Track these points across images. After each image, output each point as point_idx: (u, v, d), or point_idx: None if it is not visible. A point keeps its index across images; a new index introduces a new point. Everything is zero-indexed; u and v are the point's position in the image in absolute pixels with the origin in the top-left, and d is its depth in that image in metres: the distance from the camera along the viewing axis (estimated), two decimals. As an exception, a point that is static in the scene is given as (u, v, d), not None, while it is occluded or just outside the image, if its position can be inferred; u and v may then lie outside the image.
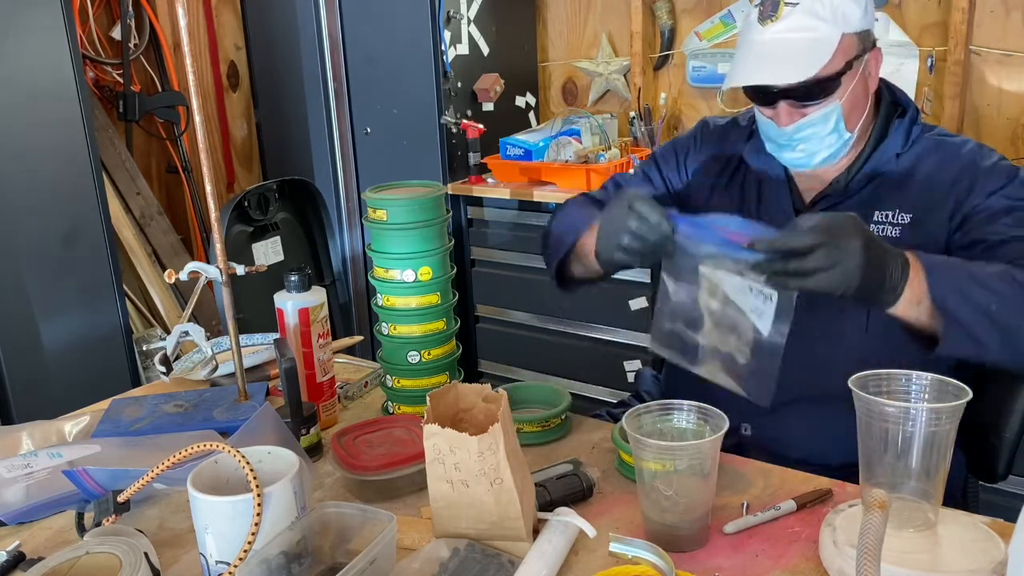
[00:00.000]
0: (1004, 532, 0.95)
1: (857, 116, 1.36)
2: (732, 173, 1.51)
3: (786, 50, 1.30)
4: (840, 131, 1.34)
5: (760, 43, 1.32)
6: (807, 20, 1.29)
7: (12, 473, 1.22)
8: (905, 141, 1.38)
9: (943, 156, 1.37)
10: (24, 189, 2.31)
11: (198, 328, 1.34)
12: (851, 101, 1.33)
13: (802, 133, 1.34)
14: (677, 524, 1.01)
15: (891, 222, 1.36)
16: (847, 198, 1.39)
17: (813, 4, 1.29)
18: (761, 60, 1.32)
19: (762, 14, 1.32)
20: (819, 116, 1.32)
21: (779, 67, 1.30)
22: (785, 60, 1.30)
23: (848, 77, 1.31)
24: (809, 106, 1.32)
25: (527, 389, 1.39)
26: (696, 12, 3.05)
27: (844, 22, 1.29)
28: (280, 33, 3.29)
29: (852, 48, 1.31)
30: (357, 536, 0.97)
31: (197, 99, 1.31)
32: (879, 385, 0.98)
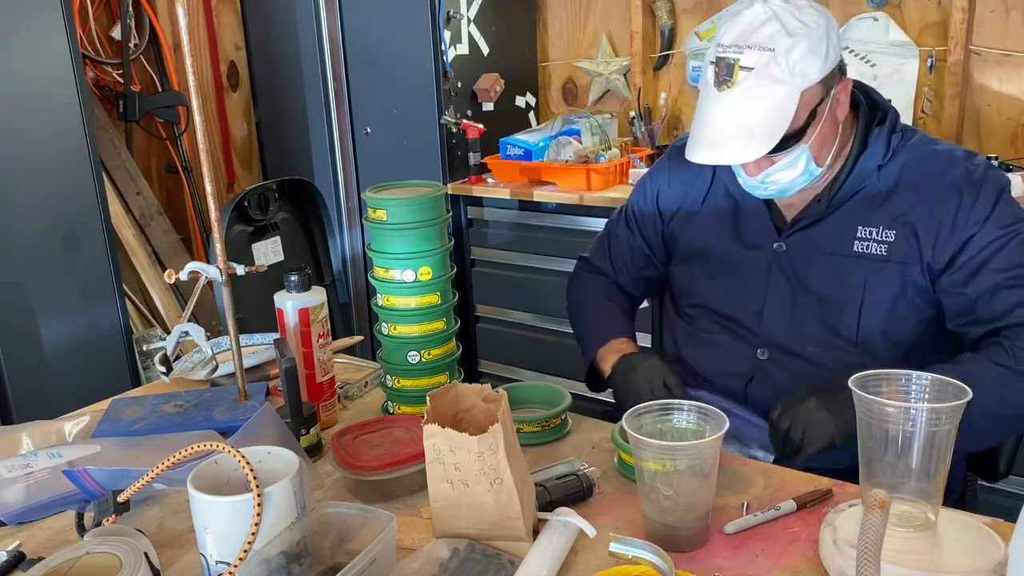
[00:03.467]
0: (1004, 532, 0.94)
1: (828, 149, 1.34)
2: (707, 194, 1.50)
3: (745, 122, 1.26)
4: (810, 170, 1.32)
5: (717, 112, 1.28)
6: (763, 84, 1.24)
7: (12, 473, 1.22)
8: (886, 151, 1.35)
9: (929, 170, 1.33)
10: (24, 189, 2.31)
11: (198, 328, 1.34)
12: (819, 140, 1.31)
13: (772, 177, 1.33)
14: (677, 524, 1.01)
15: (876, 239, 1.34)
16: (829, 214, 1.37)
17: (769, 67, 1.24)
18: (719, 133, 1.28)
19: (717, 77, 1.28)
20: (787, 162, 1.30)
21: (737, 142, 1.27)
22: (744, 134, 1.26)
23: (813, 125, 1.29)
24: (777, 155, 1.29)
25: (527, 389, 1.39)
26: (696, 12, 3.05)
27: (803, 79, 1.24)
28: (280, 33, 3.29)
29: (815, 97, 1.28)
30: (357, 536, 0.97)
31: (197, 99, 1.31)
32: (879, 385, 0.98)
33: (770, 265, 1.42)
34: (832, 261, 1.36)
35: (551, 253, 2.83)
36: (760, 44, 1.24)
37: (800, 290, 1.39)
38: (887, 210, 1.34)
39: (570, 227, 2.80)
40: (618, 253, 1.64)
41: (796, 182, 1.34)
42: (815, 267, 1.38)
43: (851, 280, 1.35)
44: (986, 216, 1.28)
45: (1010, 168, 2.39)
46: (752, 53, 1.24)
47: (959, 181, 1.30)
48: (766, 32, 1.25)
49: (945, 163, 1.33)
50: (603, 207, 2.64)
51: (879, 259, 1.33)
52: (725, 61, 1.26)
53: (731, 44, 1.27)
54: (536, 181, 2.85)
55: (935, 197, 1.31)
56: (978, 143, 2.65)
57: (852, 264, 1.35)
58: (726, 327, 1.47)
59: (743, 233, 1.46)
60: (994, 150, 2.50)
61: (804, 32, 1.24)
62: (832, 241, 1.37)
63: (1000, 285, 1.27)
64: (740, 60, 1.25)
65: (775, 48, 1.23)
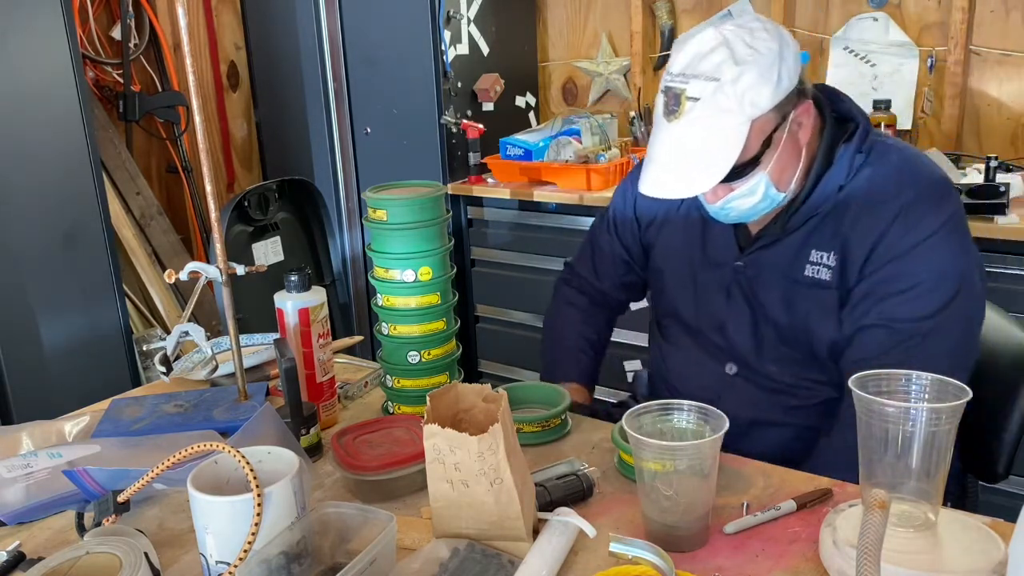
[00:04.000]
0: (1004, 532, 0.94)
1: (790, 174, 1.30)
2: (680, 203, 1.48)
3: (694, 153, 1.23)
4: (770, 196, 1.29)
5: (666, 143, 1.25)
6: (711, 115, 1.20)
7: (12, 473, 1.22)
8: (848, 171, 1.30)
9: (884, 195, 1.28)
10: (24, 189, 2.31)
11: (198, 328, 1.34)
12: (779, 166, 1.27)
13: (730, 204, 1.30)
14: (677, 524, 1.01)
15: (825, 264, 1.31)
16: (788, 235, 1.34)
17: (716, 96, 1.19)
18: (669, 165, 1.25)
19: (666, 108, 1.24)
20: (746, 189, 1.27)
21: (687, 174, 1.23)
22: (693, 166, 1.23)
23: (769, 152, 1.25)
24: (734, 183, 1.26)
25: (527, 389, 1.39)
26: (696, 12, 3.05)
27: (752, 107, 1.20)
28: (280, 33, 3.29)
29: (768, 125, 1.23)
30: (357, 536, 0.97)
31: (197, 99, 1.31)
32: (879, 385, 0.98)
33: (731, 283, 1.41)
34: (784, 285, 1.35)
35: (551, 253, 2.83)
36: (706, 73, 1.20)
37: (759, 309, 1.38)
38: (837, 236, 1.30)
39: (570, 227, 2.80)
40: (601, 259, 1.64)
41: (757, 208, 1.30)
42: (770, 290, 1.36)
43: (799, 307, 1.34)
44: (904, 252, 1.24)
45: (1010, 168, 2.39)
46: (698, 83, 1.20)
47: (901, 208, 1.25)
48: (713, 60, 1.20)
49: (898, 186, 1.27)
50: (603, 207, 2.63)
51: (824, 286, 1.31)
52: (672, 91, 1.23)
53: (679, 73, 1.23)
54: (536, 181, 2.85)
55: (873, 220, 1.27)
56: (978, 143, 2.66)
57: (801, 292, 1.33)
58: (696, 340, 1.47)
59: (709, 247, 1.44)
60: (994, 150, 2.49)
61: (753, 59, 1.20)
62: (787, 264, 1.34)
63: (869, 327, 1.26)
64: (686, 90, 1.21)
65: (720, 78, 1.19)
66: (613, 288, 1.64)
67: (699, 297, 1.46)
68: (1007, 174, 2.29)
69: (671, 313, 1.52)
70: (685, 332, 1.49)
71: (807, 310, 1.33)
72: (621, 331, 1.81)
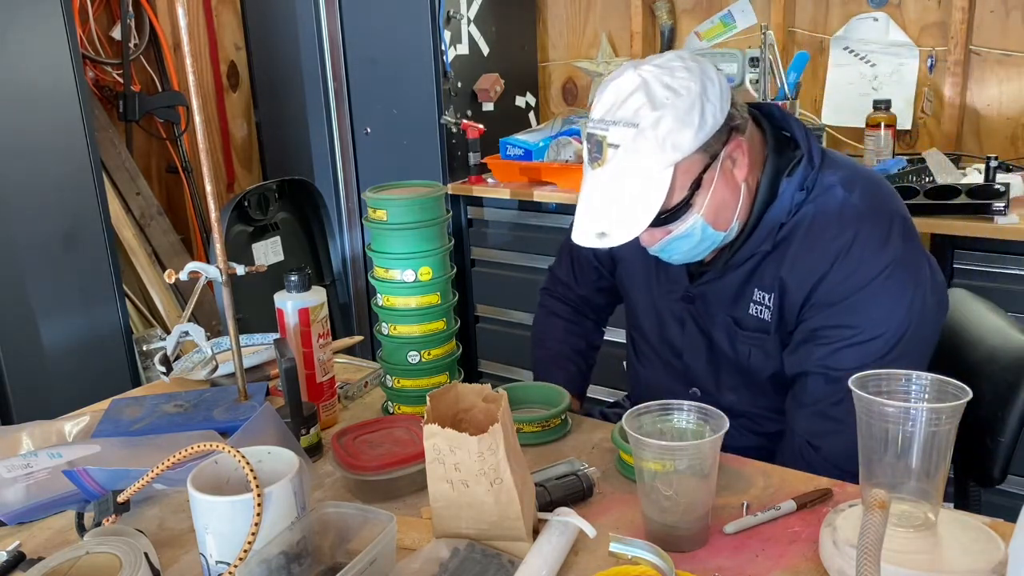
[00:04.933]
0: (1004, 532, 0.95)
1: (729, 213, 1.25)
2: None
3: (617, 201, 1.19)
4: (710, 236, 1.25)
5: (592, 190, 1.22)
6: (632, 161, 1.17)
7: (12, 473, 1.22)
8: (789, 208, 1.26)
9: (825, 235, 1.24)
10: (24, 189, 2.31)
11: (198, 328, 1.34)
12: (713, 206, 1.23)
13: (669, 247, 1.27)
14: (677, 524, 1.01)
15: (767, 305, 1.29)
16: (732, 270, 1.31)
17: (636, 142, 1.16)
18: (597, 212, 1.22)
19: (590, 155, 1.21)
20: (684, 231, 1.23)
21: (614, 222, 1.20)
22: (618, 213, 1.19)
23: (700, 193, 1.21)
24: (669, 225, 1.23)
25: (527, 389, 1.39)
26: (696, 12, 3.05)
27: (675, 150, 1.16)
28: (280, 33, 3.29)
29: (695, 166, 1.19)
30: (357, 536, 0.97)
31: (197, 99, 1.31)
32: (879, 385, 0.98)
33: (683, 311, 1.40)
34: (728, 323, 1.34)
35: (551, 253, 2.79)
36: (625, 119, 1.17)
37: (712, 341, 1.38)
38: (778, 278, 1.27)
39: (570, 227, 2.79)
40: (577, 264, 1.62)
41: (698, 249, 1.27)
42: (716, 325, 1.36)
43: (740, 348, 1.34)
44: (844, 298, 1.22)
45: (1010, 168, 2.39)
46: (617, 129, 1.17)
47: (841, 250, 1.22)
48: (631, 106, 1.17)
49: (840, 226, 1.23)
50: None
51: (763, 329, 1.30)
52: (594, 137, 1.20)
53: (599, 119, 1.20)
54: (536, 181, 2.85)
55: (812, 262, 1.24)
56: (978, 143, 2.66)
57: (741, 334, 1.33)
58: (661, 360, 1.47)
59: (663, 274, 1.42)
60: (994, 150, 2.49)
61: (671, 102, 1.16)
62: (731, 302, 1.33)
63: (807, 373, 1.26)
64: (607, 137, 1.18)
65: (639, 123, 1.16)
66: (592, 293, 1.63)
67: (658, 322, 1.45)
68: (1007, 174, 2.29)
69: (638, 329, 1.51)
70: (652, 351, 1.49)
71: (748, 350, 1.33)
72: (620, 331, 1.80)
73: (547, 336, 1.64)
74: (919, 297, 1.23)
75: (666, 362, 1.46)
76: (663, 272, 1.41)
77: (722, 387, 1.39)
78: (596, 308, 1.66)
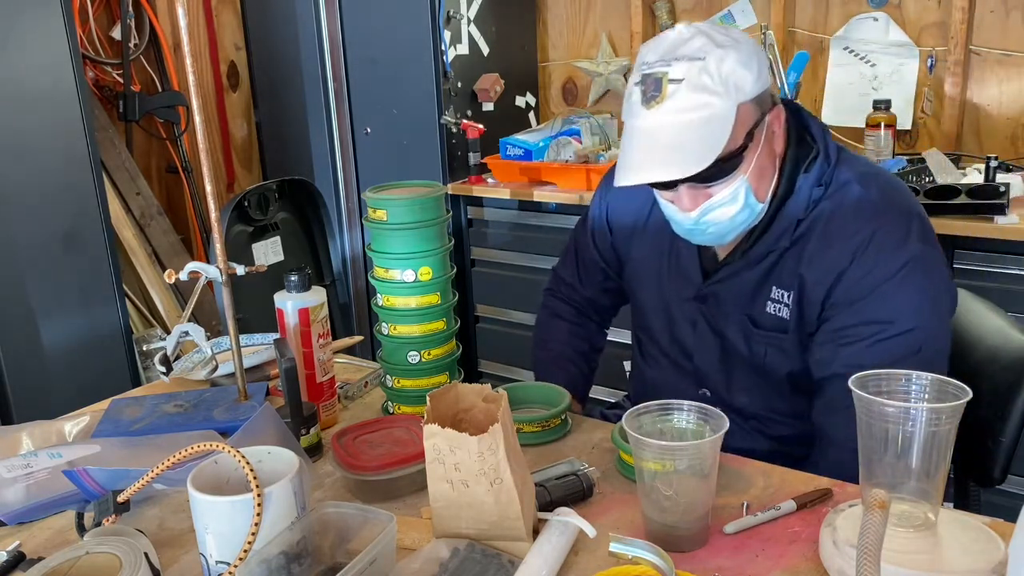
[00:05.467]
0: (1004, 532, 0.94)
1: (767, 183, 1.24)
2: (647, 217, 1.43)
3: (678, 135, 1.15)
4: (750, 205, 1.23)
5: (647, 130, 1.17)
6: (697, 96, 1.14)
7: (12, 473, 1.22)
8: (807, 204, 1.25)
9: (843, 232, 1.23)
10: (24, 189, 2.31)
11: (198, 328, 1.34)
12: (758, 171, 1.21)
13: (709, 216, 1.22)
14: (677, 524, 1.01)
15: (784, 302, 1.27)
16: (748, 268, 1.29)
17: (700, 77, 1.14)
18: (652, 150, 1.17)
19: (645, 95, 1.17)
20: (727, 195, 1.20)
21: (673, 157, 1.15)
22: (679, 147, 1.15)
23: (751, 149, 1.19)
24: (713, 186, 1.19)
25: (527, 389, 1.39)
26: (696, 12, 3.05)
27: (737, 92, 1.15)
28: (280, 33, 3.29)
29: (750, 117, 1.18)
30: (357, 536, 0.96)
31: (197, 99, 1.31)
32: (879, 385, 0.98)
33: (696, 311, 1.37)
34: (744, 322, 1.32)
35: (551, 253, 2.82)
36: (689, 55, 1.15)
37: (725, 342, 1.35)
38: (796, 275, 1.26)
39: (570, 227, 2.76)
40: (583, 265, 1.59)
41: (737, 220, 1.24)
42: (731, 324, 1.34)
43: (756, 347, 1.32)
44: (864, 295, 1.20)
45: (1010, 168, 2.39)
46: (681, 64, 1.15)
47: (859, 248, 1.21)
48: (694, 45, 1.16)
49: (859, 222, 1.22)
50: (603, 207, 2.64)
51: (781, 328, 1.28)
52: (652, 76, 1.17)
53: (657, 60, 1.18)
54: (536, 181, 2.85)
55: (830, 260, 1.22)
56: (978, 143, 2.66)
57: (757, 334, 1.31)
58: (670, 361, 1.45)
59: (676, 273, 1.39)
60: (994, 150, 2.49)
61: (733, 45, 1.16)
62: (747, 300, 1.31)
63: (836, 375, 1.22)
64: (668, 73, 1.15)
65: (705, 57, 1.15)
66: (598, 294, 1.60)
67: (669, 323, 1.43)
68: (1007, 174, 2.29)
69: (646, 330, 1.49)
70: (660, 352, 1.47)
71: (764, 350, 1.31)
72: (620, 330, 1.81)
73: (550, 337, 1.63)
74: (941, 293, 1.22)
75: (675, 363, 1.44)
76: (675, 272, 1.40)
77: (733, 388, 1.37)
78: (600, 310, 1.64)
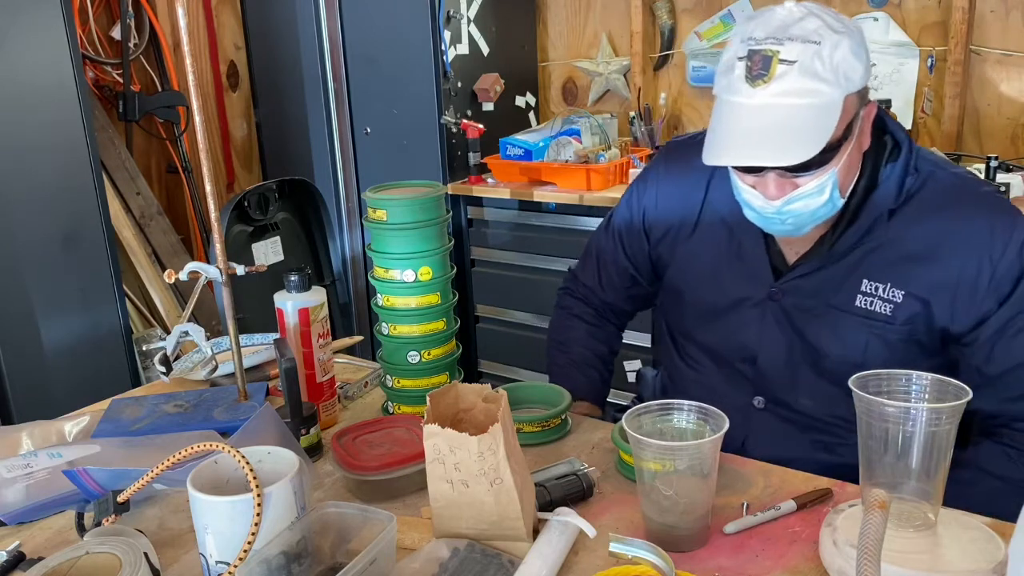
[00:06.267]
0: (1004, 532, 0.94)
1: (851, 179, 1.21)
2: (699, 215, 1.38)
3: (784, 120, 1.11)
4: (834, 199, 1.19)
5: (751, 109, 1.13)
6: (807, 82, 1.10)
7: (12, 473, 1.22)
8: (899, 194, 1.22)
9: (949, 224, 1.20)
10: (24, 189, 2.31)
11: (198, 328, 1.34)
12: (847, 166, 1.18)
13: (791, 206, 1.18)
14: (677, 524, 1.01)
15: (881, 297, 1.22)
16: (832, 262, 1.26)
17: (813, 62, 1.10)
18: (754, 133, 1.13)
19: (751, 72, 1.12)
20: (814, 187, 1.16)
21: (778, 143, 1.11)
22: (784, 134, 1.11)
23: (847, 143, 1.15)
24: (803, 176, 1.15)
25: (527, 389, 1.39)
26: (696, 12, 3.05)
27: (847, 83, 1.11)
28: (280, 33, 3.29)
29: (853, 110, 1.14)
30: (357, 536, 0.97)
31: (197, 99, 1.31)
32: (879, 385, 0.98)
33: (764, 311, 1.32)
34: (833, 315, 1.26)
35: (551, 253, 2.83)
36: (803, 37, 1.10)
37: (796, 340, 1.30)
38: (896, 266, 1.22)
39: (570, 227, 2.80)
40: (605, 271, 1.54)
41: (817, 214, 1.19)
42: (814, 319, 1.28)
43: (852, 338, 1.26)
44: (1011, 289, 1.18)
45: (1010, 168, 2.39)
46: (795, 45, 1.10)
47: (981, 241, 1.18)
48: (809, 26, 1.11)
49: (964, 214, 1.20)
50: (603, 207, 2.64)
51: (883, 319, 1.23)
52: (760, 54, 1.11)
53: (767, 37, 1.12)
54: (536, 181, 2.85)
55: (951, 258, 1.19)
56: (978, 143, 2.66)
57: (854, 321, 1.25)
58: (720, 368, 1.38)
59: (738, 270, 1.33)
60: (994, 150, 2.50)
61: (847, 32, 1.12)
62: (834, 292, 1.26)
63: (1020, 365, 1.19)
64: (780, 52, 1.10)
65: (821, 42, 1.10)
66: (619, 300, 1.56)
67: (727, 325, 1.36)
68: (1007, 174, 2.29)
69: (688, 335, 1.43)
70: (708, 357, 1.40)
71: (865, 341, 1.25)
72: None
73: (568, 339, 1.56)
74: None
75: (729, 370, 1.37)
76: (738, 271, 1.34)
77: (799, 392, 1.31)
78: (620, 314, 1.59)
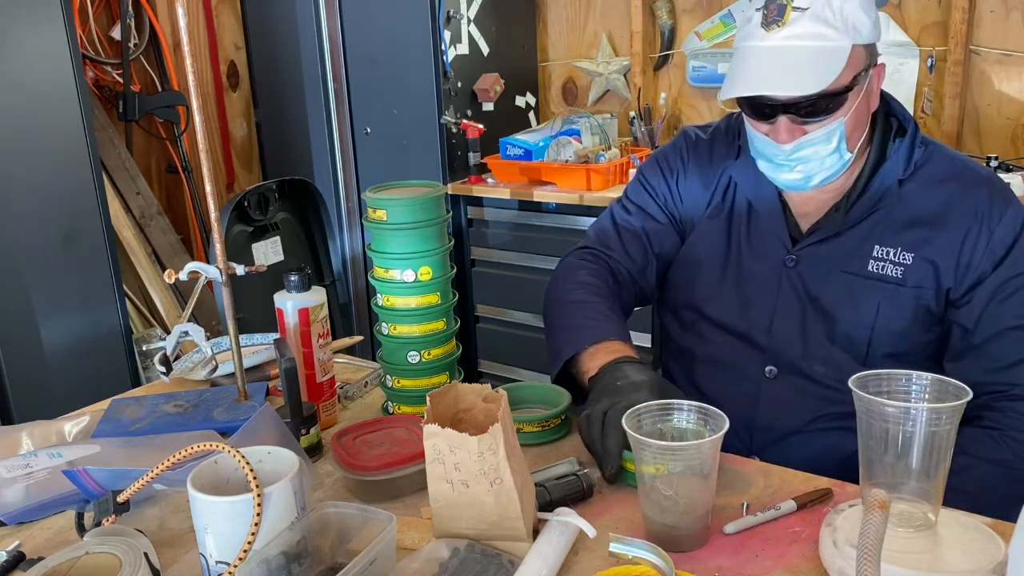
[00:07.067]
0: (1004, 532, 0.94)
1: (858, 135, 1.29)
2: (722, 195, 1.44)
3: (795, 59, 1.22)
4: (841, 151, 1.28)
5: (764, 50, 1.24)
6: (817, 27, 1.21)
7: (12, 473, 1.22)
8: (907, 165, 1.31)
9: (951, 192, 1.29)
10: (24, 189, 2.31)
11: (198, 328, 1.34)
12: (854, 119, 1.27)
13: (801, 152, 1.27)
14: (677, 524, 1.01)
15: (892, 260, 1.30)
16: (847, 228, 1.33)
17: (823, 10, 1.20)
18: (766, 69, 1.23)
19: (766, 19, 1.23)
20: (822, 134, 1.25)
21: (787, 77, 1.21)
22: (794, 70, 1.21)
23: (854, 93, 1.24)
24: (811, 123, 1.25)
25: (527, 389, 1.39)
26: (696, 12, 3.05)
27: (855, 32, 1.21)
28: (280, 33, 3.29)
29: (860, 62, 1.24)
30: (357, 536, 0.97)
31: (197, 99, 1.31)
32: (879, 385, 0.98)
33: (780, 278, 1.37)
34: (846, 280, 1.32)
35: (551, 253, 2.83)
36: None
37: (810, 306, 1.35)
38: (906, 232, 1.30)
39: (570, 227, 2.80)
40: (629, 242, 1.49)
41: (826, 163, 1.28)
42: (828, 284, 1.34)
43: (865, 301, 1.31)
44: (1004, 254, 1.25)
45: (1010, 168, 2.39)
46: None
47: (980, 208, 1.27)
48: None
49: (967, 185, 1.29)
50: (603, 207, 2.63)
51: (894, 281, 1.29)
52: (776, 2, 1.22)
53: None
54: (536, 181, 2.85)
55: (956, 223, 1.27)
56: (978, 143, 2.66)
57: (867, 285, 1.31)
58: (732, 341, 1.41)
59: (755, 241, 1.40)
60: (994, 150, 2.50)
61: None
62: (847, 258, 1.33)
63: (1007, 329, 1.25)
64: (794, 0, 1.21)
65: None
66: (638, 273, 1.48)
67: (742, 295, 1.40)
68: (1007, 174, 2.29)
69: (703, 313, 1.44)
70: (721, 330, 1.42)
71: (876, 303, 1.30)
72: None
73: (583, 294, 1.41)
74: None
75: (740, 339, 1.40)
76: (756, 239, 1.39)
77: (811, 357, 1.34)
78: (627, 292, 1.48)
